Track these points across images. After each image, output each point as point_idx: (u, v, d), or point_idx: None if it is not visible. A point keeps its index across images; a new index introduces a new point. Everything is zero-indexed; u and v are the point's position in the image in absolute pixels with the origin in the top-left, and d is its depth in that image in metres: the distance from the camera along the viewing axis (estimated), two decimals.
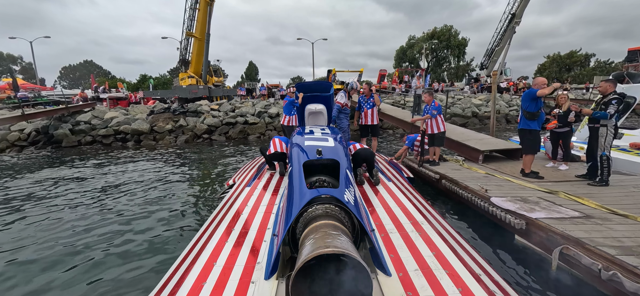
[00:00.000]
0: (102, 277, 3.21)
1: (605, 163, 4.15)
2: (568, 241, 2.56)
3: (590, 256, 2.34)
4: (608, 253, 2.30)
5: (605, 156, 4.11)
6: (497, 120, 17.43)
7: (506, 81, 27.33)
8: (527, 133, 4.74)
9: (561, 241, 2.62)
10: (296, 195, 2.45)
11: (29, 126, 14.31)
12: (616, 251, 2.34)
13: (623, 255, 2.28)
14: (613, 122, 4.04)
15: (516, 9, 23.74)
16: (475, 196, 3.96)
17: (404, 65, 48.48)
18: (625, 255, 2.28)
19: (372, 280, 1.60)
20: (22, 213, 5.23)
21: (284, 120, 7.20)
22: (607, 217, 3.10)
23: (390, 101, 18.39)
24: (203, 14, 19.53)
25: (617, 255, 2.28)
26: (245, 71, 56.90)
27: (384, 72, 33.83)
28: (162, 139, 14.26)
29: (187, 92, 19.96)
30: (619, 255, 2.27)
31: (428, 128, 5.78)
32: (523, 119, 4.75)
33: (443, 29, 50.69)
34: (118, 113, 15.76)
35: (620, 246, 2.42)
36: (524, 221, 3.07)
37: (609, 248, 2.39)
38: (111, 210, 5.21)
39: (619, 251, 2.34)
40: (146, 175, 7.77)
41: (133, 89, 34.54)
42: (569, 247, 2.48)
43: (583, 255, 2.37)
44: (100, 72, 52.56)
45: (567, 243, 2.55)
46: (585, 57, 48.16)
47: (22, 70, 46.76)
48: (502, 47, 26.66)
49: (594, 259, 2.32)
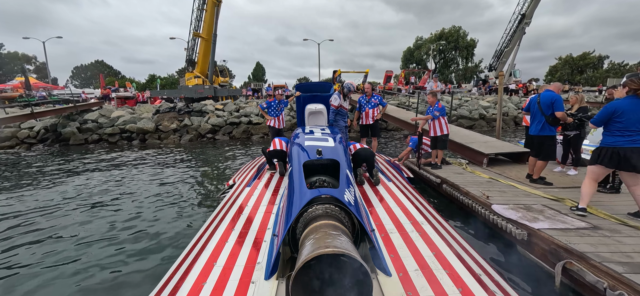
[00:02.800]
0: (101, 277, 3.18)
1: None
2: (571, 256, 2.39)
3: (595, 273, 2.17)
4: (615, 270, 2.13)
5: None
6: (505, 122, 17.08)
7: (515, 83, 26.74)
8: (549, 139, 4.42)
9: (564, 255, 2.45)
10: (296, 195, 2.48)
11: (38, 124, 14.60)
12: (624, 268, 2.16)
13: (631, 272, 2.10)
14: None
15: (526, 10, 23.26)
16: (476, 203, 3.80)
17: (411, 66, 48.02)
18: (633, 273, 2.10)
19: (372, 280, 1.59)
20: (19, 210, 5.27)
21: (271, 122, 6.87)
22: (616, 228, 2.91)
23: (396, 102, 18.16)
24: (210, 15, 19.67)
25: (625, 272, 2.11)
26: (252, 71, 57.21)
27: (391, 73, 33.59)
28: (167, 138, 14.37)
29: (193, 92, 20.12)
30: (627, 273, 2.10)
31: (431, 130, 5.63)
32: (545, 125, 4.36)
33: (451, 30, 49.98)
34: (124, 112, 15.95)
35: (629, 262, 2.24)
36: (525, 231, 2.90)
37: (616, 264, 2.21)
38: (112, 210, 5.21)
39: (627, 268, 2.16)
40: (148, 174, 7.79)
41: (141, 88, 35.07)
42: (573, 262, 2.31)
43: (587, 271, 2.20)
44: (110, 72, 53.51)
45: (571, 257, 2.38)
46: (599, 59, 46.90)
47: (36, 69, 47.93)
48: (512, 48, 26.15)
49: (599, 276, 2.15)
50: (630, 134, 2.91)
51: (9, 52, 46.71)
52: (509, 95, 23.24)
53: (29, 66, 48.72)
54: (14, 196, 6.20)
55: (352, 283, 1.62)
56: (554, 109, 4.19)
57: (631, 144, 2.90)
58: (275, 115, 6.81)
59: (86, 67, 55.51)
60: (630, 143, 2.90)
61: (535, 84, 28.33)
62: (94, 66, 54.10)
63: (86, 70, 55.13)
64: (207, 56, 21.20)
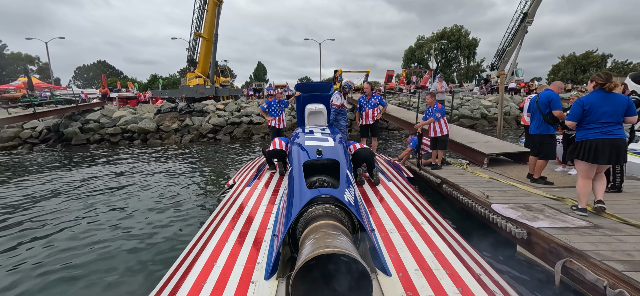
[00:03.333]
0: (101, 276, 3.19)
1: (618, 168, 3.89)
2: (571, 254, 2.37)
3: (595, 271, 2.15)
4: (615, 268, 2.11)
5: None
6: (507, 122, 16.99)
7: (517, 82, 26.62)
8: (549, 138, 4.44)
9: (564, 254, 2.43)
10: (296, 195, 2.48)
11: (40, 124, 14.68)
12: (624, 266, 2.15)
13: (632, 270, 2.09)
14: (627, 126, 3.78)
15: (528, 8, 23.13)
16: (476, 203, 3.78)
17: (412, 66, 47.92)
18: (634, 271, 2.08)
19: (372, 280, 1.59)
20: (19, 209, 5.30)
21: (272, 122, 6.83)
22: (617, 227, 2.89)
23: (397, 101, 18.12)
24: (211, 15, 19.72)
25: (625, 270, 2.09)
26: (253, 71, 57.29)
27: (392, 72, 33.57)
28: (168, 138, 14.41)
29: (194, 92, 20.18)
30: (627, 271, 2.08)
31: (431, 131, 5.61)
32: (544, 124, 4.39)
33: (453, 29, 49.84)
34: (126, 112, 16.01)
35: (629, 261, 2.22)
36: (525, 230, 2.88)
37: (617, 262, 2.19)
38: (111, 210, 5.23)
39: (628, 266, 2.14)
40: (148, 174, 7.81)
41: (144, 88, 35.20)
42: (572, 260, 2.29)
43: (587, 270, 2.18)
44: (113, 72, 53.73)
45: (571, 255, 2.36)
46: (602, 58, 46.56)
47: (39, 70, 48.19)
48: (514, 47, 26.04)
49: (599, 274, 2.13)
50: (599, 127, 3.07)
51: (12, 53, 47.02)
52: (511, 94, 23.13)
53: (32, 66, 49.00)
54: (14, 196, 6.24)
55: (352, 283, 1.62)
56: (551, 108, 4.20)
57: (602, 135, 3.04)
58: (275, 115, 6.81)
59: (88, 67, 55.79)
60: (602, 135, 3.05)
61: (537, 83, 28.18)
62: (96, 67, 54.37)
63: (88, 70, 55.39)
64: (208, 56, 21.25)
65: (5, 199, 6.01)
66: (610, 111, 3.02)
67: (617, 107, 3.02)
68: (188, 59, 22.87)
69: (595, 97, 3.09)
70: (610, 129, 3.04)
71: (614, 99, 3.04)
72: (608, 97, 3.05)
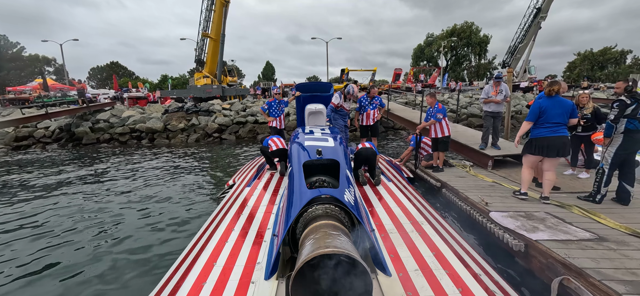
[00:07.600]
0: (101, 276, 3.21)
1: (598, 177, 3.60)
2: (570, 272, 2.21)
3: (593, 292, 1.98)
4: (615, 289, 1.94)
5: (601, 169, 3.58)
6: (517, 121, 16.46)
7: (529, 80, 25.79)
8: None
9: (562, 271, 2.27)
10: (296, 195, 2.48)
11: (53, 123, 15.10)
12: (626, 287, 1.97)
13: (634, 293, 1.92)
14: (620, 129, 3.52)
15: (542, 3, 22.34)
16: (474, 209, 3.61)
17: (421, 64, 47.14)
18: (636, 293, 1.91)
19: (372, 280, 1.59)
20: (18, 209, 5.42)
21: (273, 123, 6.75)
22: (624, 240, 2.69)
23: (403, 100, 17.82)
24: (218, 15, 19.87)
25: (626, 292, 1.92)
26: (262, 71, 57.56)
27: (399, 71, 33.15)
28: (175, 138, 14.58)
29: (201, 91, 20.40)
30: (628, 293, 1.91)
31: (431, 132, 5.44)
32: None
33: (463, 26, 48.68)
34: (135, 112, 16.29)
35: (632, 281, 2.05)
36: (522, 242, 2.72)
37: (618, 282, 2.02)
38: (111, 209, 5.28)
39: (630, 288, 1.97)
40: (152, 173, 7.90)
41: (154, 88, 35.86)
42: (570, 279, 2.13)
43: (585, 290, 2.02)
44: (125, 73, 54.91)
45: (569, 273, 2.20)
46: (621, 54, 44.61)
47: (55, 71, 49.70)
48: (526, 43, 25.24)
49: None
50: (550, 126, 3.52)
51: (30, 55, 48.60)
52: (523, 93, 22.43)
53: (49, 67, 50.59)
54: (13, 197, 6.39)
55: (352, 283, 1.61)
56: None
57: (553, 133, 3.52)
58: (276, 115, 6.78)
59: (102, 68, 57.14)
60: (552, 133, 3.52)
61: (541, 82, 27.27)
62: (110, 68, 55.61)
63: (102, 71, 56.74)
64: (215, 56, 21.45)
65: (6, 199, 6.17)
66: (560, 113, 3.50)
67: (565, 110, 3.50)
68: (196, 59, 23.14)
69: (548, 101, 3.56)
70: (558, 128, 3.51)
71: (562, 103, 3.53)
72: (557, 101, 3.53)
